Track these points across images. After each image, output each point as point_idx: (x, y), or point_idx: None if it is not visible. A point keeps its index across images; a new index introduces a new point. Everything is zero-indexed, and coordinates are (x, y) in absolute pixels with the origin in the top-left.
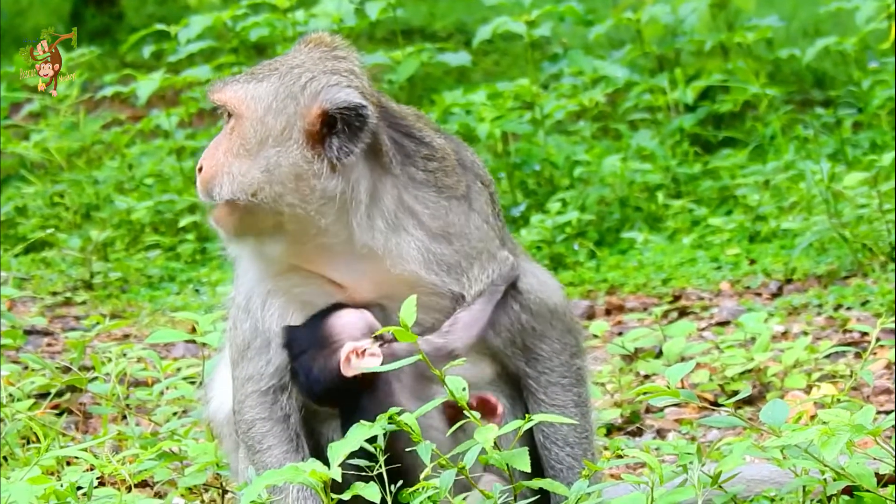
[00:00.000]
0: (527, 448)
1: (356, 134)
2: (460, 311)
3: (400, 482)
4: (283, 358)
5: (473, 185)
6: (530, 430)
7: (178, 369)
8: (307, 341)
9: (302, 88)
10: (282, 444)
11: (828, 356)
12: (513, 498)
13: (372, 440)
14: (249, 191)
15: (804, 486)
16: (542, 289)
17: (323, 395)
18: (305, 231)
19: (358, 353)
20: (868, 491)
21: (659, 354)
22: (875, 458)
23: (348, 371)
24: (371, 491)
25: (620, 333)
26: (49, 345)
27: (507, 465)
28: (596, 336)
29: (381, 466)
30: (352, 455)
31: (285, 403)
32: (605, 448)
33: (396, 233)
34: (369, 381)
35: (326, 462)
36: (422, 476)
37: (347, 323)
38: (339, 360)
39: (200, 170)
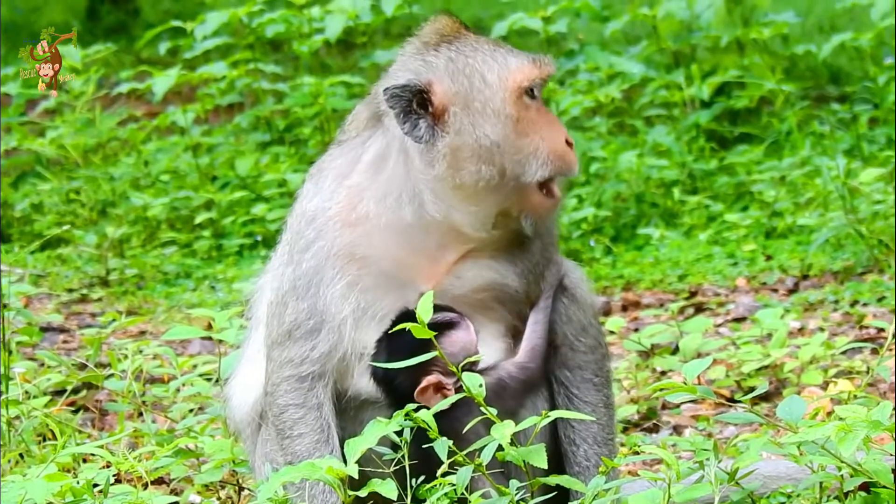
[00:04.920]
0: (543, 444)
1: None
2: (533, 335)
3: (422, 478)
4: (328, 345)
5: None
6: (552, 429)
7: (195, 366)
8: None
9: None
10: (313, 433)
11: (844, 352)
12: (530, 495)
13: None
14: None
15: (821, 483)
16: (583, 284)
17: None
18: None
19: (434, 388)
20: (885, 487)
21: (675, 351)
22: (892, 455)
23: (421, 399)
24: (387, 488)
25: (636, 329)
26: (65, 342)
27: (524, 461)
28: (612, 332)
29: (404, 459)
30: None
31: (320, 391)
32: (622, 444)
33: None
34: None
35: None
36: (439, 473)
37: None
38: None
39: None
